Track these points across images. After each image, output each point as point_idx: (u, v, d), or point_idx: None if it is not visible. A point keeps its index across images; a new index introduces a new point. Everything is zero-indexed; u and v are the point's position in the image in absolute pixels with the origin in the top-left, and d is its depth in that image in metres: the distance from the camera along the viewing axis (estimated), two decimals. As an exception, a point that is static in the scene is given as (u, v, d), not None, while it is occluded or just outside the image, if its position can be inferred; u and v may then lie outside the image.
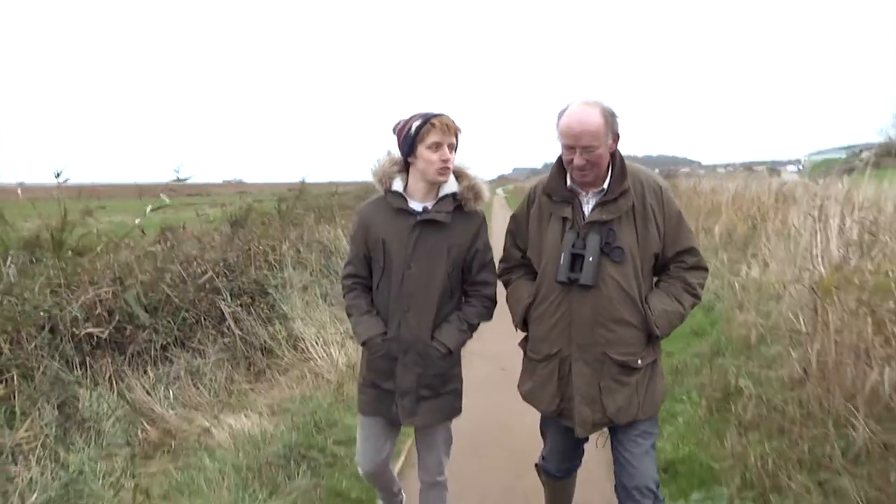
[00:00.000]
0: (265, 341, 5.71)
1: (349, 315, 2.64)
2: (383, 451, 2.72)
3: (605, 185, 2.37)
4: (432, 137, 2.40)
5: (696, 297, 2.45)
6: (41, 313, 3.92)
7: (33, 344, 4.12)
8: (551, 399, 2.48)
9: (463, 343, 2.59)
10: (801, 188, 8.44)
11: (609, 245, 2.32)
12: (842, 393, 3.37)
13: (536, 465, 2.84)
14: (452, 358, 2.58)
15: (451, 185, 2.52)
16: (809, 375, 3.59)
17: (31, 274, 3.89)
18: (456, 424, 2.71)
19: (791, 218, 6.53)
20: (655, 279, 2.48)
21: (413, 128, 2.42)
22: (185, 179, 4.71)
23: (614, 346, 2.35)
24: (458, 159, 2.54)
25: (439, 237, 2.49)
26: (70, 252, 3.98)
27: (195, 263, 6.03)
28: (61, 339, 4.38)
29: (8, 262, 3.62)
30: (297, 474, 3.50)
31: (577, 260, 2.33)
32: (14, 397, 3.55)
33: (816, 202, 5.60)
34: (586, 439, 2.60)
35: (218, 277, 5.94)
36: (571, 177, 2.39)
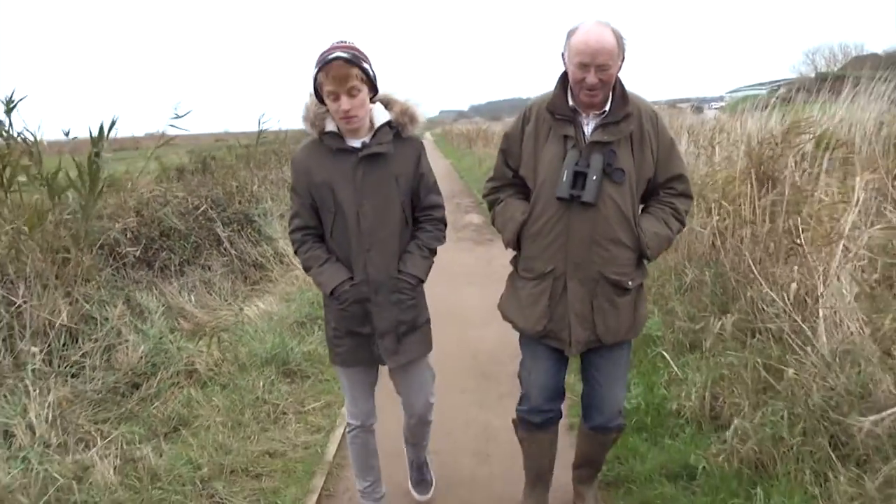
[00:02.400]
0: (256, 258, 7.18)
1: (307, 269, 2.58)
2: (371, 399, 2.74)
3: (607, 108, 2.39)
4: (326, 87, 2.32)
5: (683, 223, 2.54)
6: (97, 234, 5.25)
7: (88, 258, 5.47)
8: (538, 319, 2.51)
9: (429, 269, 2.60)
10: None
11: (611, 166, 2.36)
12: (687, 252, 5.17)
13: (513, 421, 2.80)
14: (420, 287, 2.60)
15: (383, 115, 2.48)
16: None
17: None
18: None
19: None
20: (642, 205, 2.56)
21: (315, 78, 2.34)
22: (184, 115, 5.81)
23: (609, 265, 2.41)
24: (383, 88, 2.48)
25: (385, 169, 2.46)
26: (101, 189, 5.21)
27: (188, 199, 7.39)
28: (107, 256, 5.73)
29: (70, 194, 4.89)
30: (314, 330, 5.07)
31: (578, 178, 2.36)
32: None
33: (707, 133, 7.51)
34: (565, 374, 2.67)
35: (210, 210, 7.32)
36: (577, 97, 2.39)
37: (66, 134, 6.47)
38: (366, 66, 2.33)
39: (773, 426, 2.88)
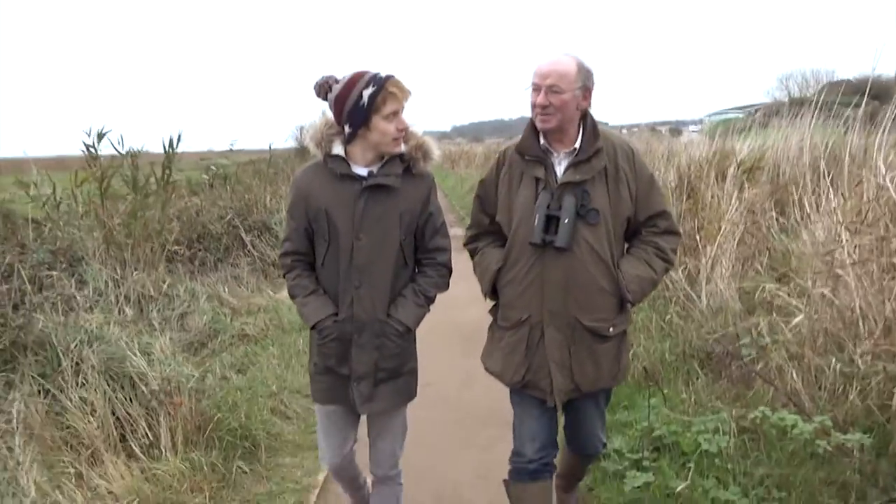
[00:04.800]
0: (274, 259, 8.65)
1: (293, 297, 2.51)
2: (348, 442, 2.64)
3: (577, 145, 2.39)
4: (391, 106, 2.29)
5: (668, 262, 2.48)
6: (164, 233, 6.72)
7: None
8: (517, 368, 2.48)
9: (421, 318, 2.51)
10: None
11: (584, 207, 2.33)
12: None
13: (505, 481, 2.69)
14: (410, 335, 2.50)
15: None
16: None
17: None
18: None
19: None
20: (627, 245, 2.52)
21: (366, 97, 2.27)
22: (237, 151, 7.31)
23: (586, 311, 2.38)
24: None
25: (389, 203, 2.38)
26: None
27: (216, 208, 8.87)
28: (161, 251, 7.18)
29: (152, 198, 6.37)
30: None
31: (551, 221, 2.33)
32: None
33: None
34: (556, 421, 2.61)
35: (235, 218, 8.81)
36: (539, 129, 2.39)
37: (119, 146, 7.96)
38: None
39: (659, 352, 4.40)
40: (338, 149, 2.39)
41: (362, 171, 2.39)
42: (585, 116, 2.42)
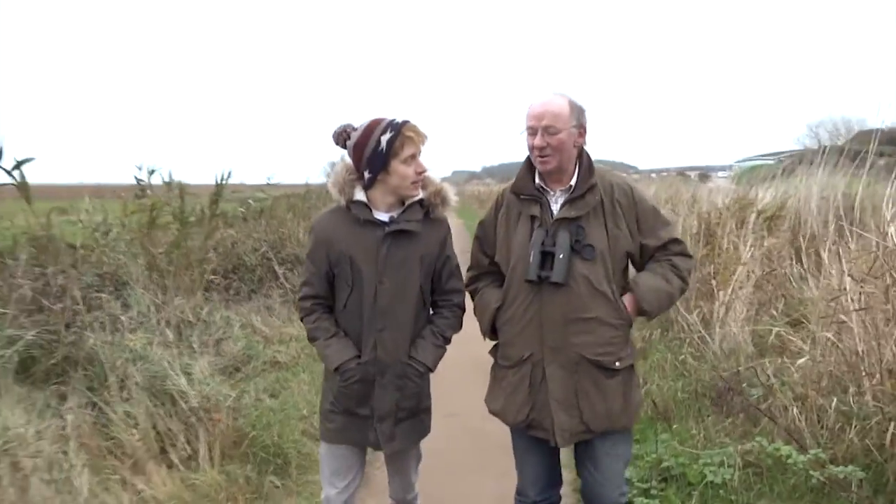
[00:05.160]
0: (306, 292, 9.02)
1: (313, 339, 2.57)
2: (355, 482, 2.67)
3: (573, 182, 2.42)
4: (408, 150, 2.38)
5: (684, 280, 2.47)
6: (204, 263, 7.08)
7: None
8: (520, 408, 2.48)
9: (440, 358, 2.59)
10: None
11: (579, 242, 2.36)
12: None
13: None
14: (427, 375, 2.59)
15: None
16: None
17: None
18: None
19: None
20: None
21: (384, 143, 2.36)
22: (273, 185, 7.73)
23: (589, 345, 2.37)
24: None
25: (410, 248, 2.47)
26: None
27: (251, 240, 9.26)
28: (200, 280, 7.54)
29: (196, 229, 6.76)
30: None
31: (546, 258, 2.35)
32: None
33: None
34: (559, 459, 2.65)
35: (268, 251, 9.17)
36: (537, 169, 2.45)
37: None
38: None
39: (672, 390, 4.61)
40: (360, 195, 2.48)
41: (384, 216, 2.48)
42: (581, 154, 2.47)
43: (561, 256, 2.34)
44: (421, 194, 2.50)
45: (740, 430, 4.01)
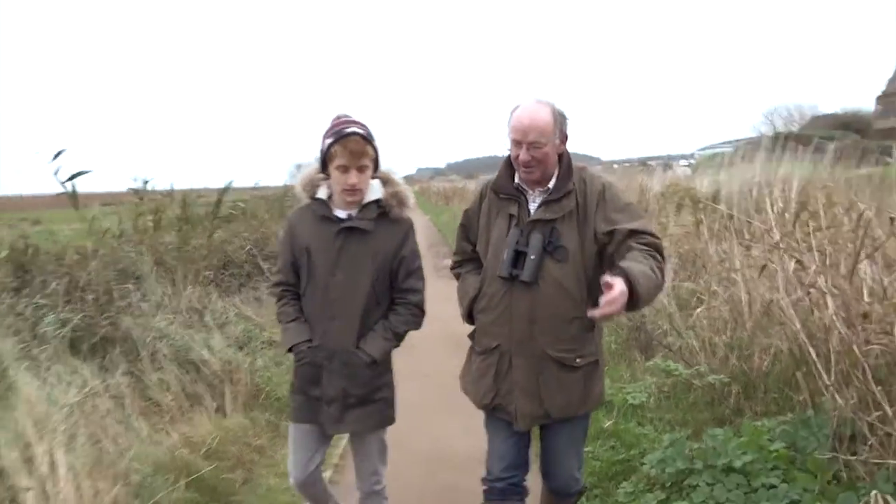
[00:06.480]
0: (290, 285, 10.00)
1: (279, 321, 2.81)
2: (314, 460, 2.82)
3: (551, 185, 2.51)
4: (339, 160, 2.51)
5: (663, 274, 2.38)
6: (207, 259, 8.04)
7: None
8: (486, 393, 2.65)
9: (387, 352, 2.73)
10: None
11: (552, 244, 2.45)
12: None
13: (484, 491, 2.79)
14: (379, 367, 2.72)
15: (375, 192, 2.65)
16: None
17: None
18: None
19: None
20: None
21: (325, 146, 2.54)
22: (262, 188, 8.67)
23: (552, 343, 2.50)
24: (385, 165, 2.68)
25: (363, 245, 2.63)
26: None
27: (238, 239, 10.21)
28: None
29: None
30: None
31: (519, 257, 2.46)
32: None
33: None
34: (528, 445, 2.74)
35: (253, 248, 10.13)
36: (519, 174, 2.53)
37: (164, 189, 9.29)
38: (376, 145, 2.60)
39: (608, 342, 5.70)
40: (322, 193, 2.70)
41: (342, 213, 2.67)
42: (561, 156, 2.56)
43: (532, 257, 2.46)
44: (380, 194, 2.68)
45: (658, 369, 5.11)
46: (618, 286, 2.11)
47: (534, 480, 2.91)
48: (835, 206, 4.81)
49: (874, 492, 2.06)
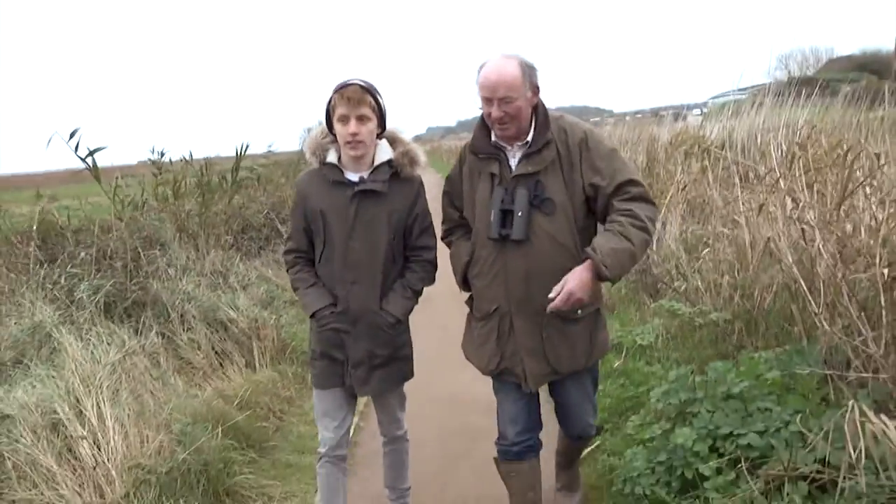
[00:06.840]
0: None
1: (295, 289, 2.80)
2: (345, 424, 2.83)
3: (529, 138, 2.47)
4: (340, 110, 2.50)
5: (646, 231, 2.38)
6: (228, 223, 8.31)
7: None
8: (490, 358, 2.64)
9: (409, 310, 2.75)
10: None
11: (538, 197, 2.42)
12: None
13: (494, 458, 2.82)
14: (401, 325, 2.76)
15: (385, 153, 2.65)
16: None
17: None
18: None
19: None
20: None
21: (328, 103, 2.54)
22: (275, 152, 8.91)
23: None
24: (391, 125, 2.67)
25: (378, 206, 2.62)
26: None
27: (256, 204, 10.46)
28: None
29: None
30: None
31: (507, 216, 2.43)
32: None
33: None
34: (538, 404, 2.74)
35: (271, 213, 10.39)
36: (494, 132, 2.49)
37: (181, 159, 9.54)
38: (379, 98, 2.57)
39: (617, 287, 5.92)
40: (332, 157, 2.66)
41: (353, 176, 2.65)
42: (536, 108, 2.51)
43: (520, 214, 2.44)
44: (390, 155, 2.68)
45: (665, 311, 5.33)
46: (571, 282, 2.33)
47: (547, 418, 2.96)
48: (836, 148, 4.95)
49: (851, 402, 2.26)
